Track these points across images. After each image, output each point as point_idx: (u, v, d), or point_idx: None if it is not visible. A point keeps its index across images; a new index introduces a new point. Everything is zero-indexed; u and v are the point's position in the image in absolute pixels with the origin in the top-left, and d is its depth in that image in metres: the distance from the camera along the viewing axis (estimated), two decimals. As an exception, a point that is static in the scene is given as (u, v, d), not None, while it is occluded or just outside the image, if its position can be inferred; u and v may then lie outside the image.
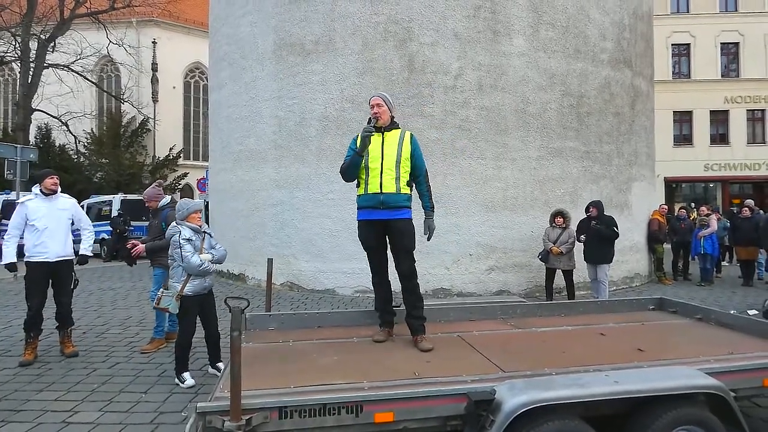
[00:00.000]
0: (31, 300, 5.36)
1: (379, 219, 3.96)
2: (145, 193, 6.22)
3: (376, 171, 3.93)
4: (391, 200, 3.92)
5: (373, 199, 3.93)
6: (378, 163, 3.93)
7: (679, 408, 2.76)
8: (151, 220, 6.14)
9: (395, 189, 3.93)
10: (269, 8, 10.39)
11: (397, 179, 3.94)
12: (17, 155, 12.04)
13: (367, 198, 3.98)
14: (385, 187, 3.90)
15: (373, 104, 4.06)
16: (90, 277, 11.20)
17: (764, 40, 24.05)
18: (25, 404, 4.23)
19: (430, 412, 2.67)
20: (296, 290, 9.85)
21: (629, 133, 11.00)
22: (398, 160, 3.95)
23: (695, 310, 4.72)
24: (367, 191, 3.97)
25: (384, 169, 3.92)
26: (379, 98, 4.09)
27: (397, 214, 3.95)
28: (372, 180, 3.94)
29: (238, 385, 2.41)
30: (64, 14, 22.68)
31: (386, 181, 3.91)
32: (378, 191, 3.91)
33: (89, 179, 25.63)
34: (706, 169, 24.17)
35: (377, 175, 3.92)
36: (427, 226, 4.10)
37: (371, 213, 3.98)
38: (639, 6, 11.57)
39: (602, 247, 8.13)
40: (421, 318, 3.93)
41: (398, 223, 3.95)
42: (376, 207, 3.93)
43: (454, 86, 9.31)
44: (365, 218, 4.04)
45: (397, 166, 3.94)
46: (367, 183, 3.97)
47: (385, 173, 3.91)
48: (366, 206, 4.01)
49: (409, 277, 4.02)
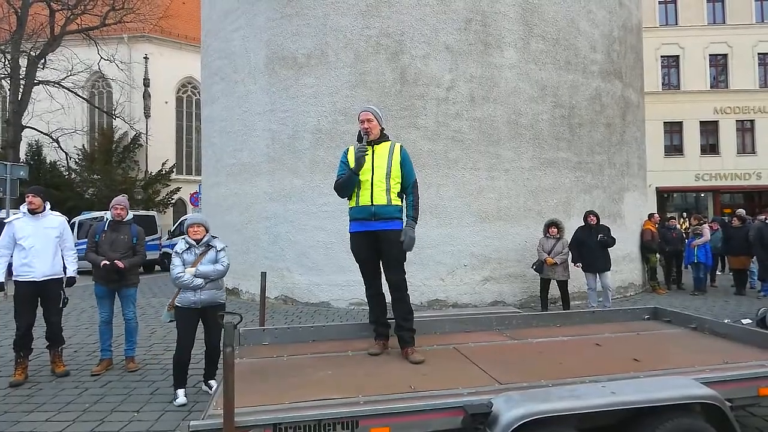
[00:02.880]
0: (19, 319, 5.29)
1: (370, 230, 3.98)
2: (114, 201, 5.82)
3: (366, 183, 3.97)
4: (382, 212, 3.95)
5: (365, 210, 3.97)
6: (368, 176, 3.97)
7: (675, 418, 2.76)
8: (114, 235, 5.67)
9: (386, 201, 3.97)
10: (261, 22, 10.44)
11: (387, 191, 3.98)
12: (7, 173, 11.91)
13: (358, 210, 4.02)
14: (375, 199, 3.94)
15: (363, 119, 4.07)
16: (81, 294, 11.07)
17: (752, 52, 24.41)
18: (15, 426, 4.15)
19: (427, 426, 2.65)
20: (291, 304, 9.79)
21: (620, 144, 11.09)
22: (388, 172, 3.99)
23: (689, 320, 4.72)
24: (359, 203, 4.01)
25: (374, 181, 3.96)
26: (369, 113, 4.09)
27: (389, 225, 3.97)
28: (363, 192, 3.98)
29: (231, 402, 2.38)
30: (54, 31, 22.66)
31: (377, 193, 3.95)
32: (369, 203, 3.95)
33: (81, 196, 25.53)
34: (696, 179, 24.37)
35: (368, 188, 3.96)
36: (404, 233, 3.98)
37: (363, 225, 4.01)
38: (628, 18, 11.72)
39: (603, 255, 8.31)
40: (411, 330, 3.91)
41: (389, 234, 3.96)
42: (368, 219, 3.96)
43: (447, 98, 9.37)
44: (357, 230, 4.08)
45: (387, 179, 3.98)
46: (358, 195, 4.01)
47: (376, 185, 3.95)
48: (358, 218, 4.04)
49: (400, 288, 4.02)
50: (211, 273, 4.63)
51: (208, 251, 4.72)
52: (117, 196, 6.05)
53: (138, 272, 6.04)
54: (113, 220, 5.74)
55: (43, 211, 5.48)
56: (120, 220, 5.75)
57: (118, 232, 5.71)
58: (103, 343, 5.76)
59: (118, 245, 5.66)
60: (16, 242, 5.29)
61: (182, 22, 30.65)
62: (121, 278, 5.66)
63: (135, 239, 5.81)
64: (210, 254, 4.72)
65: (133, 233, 5.82)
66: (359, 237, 4.09)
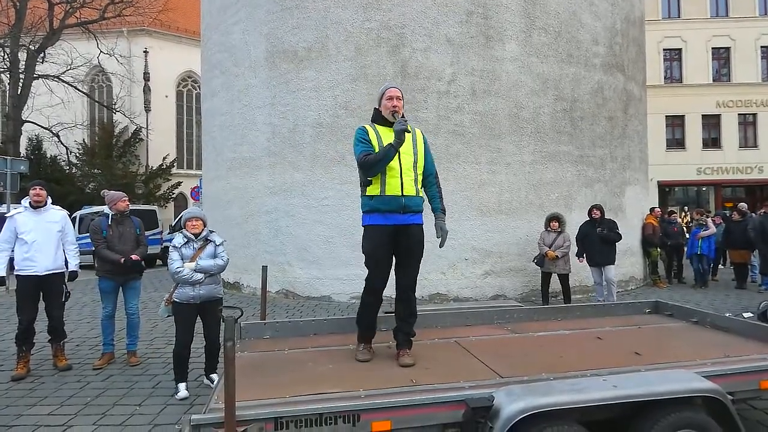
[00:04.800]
0: (21, 314, 5.31)
1: (396, 224, 3.60)
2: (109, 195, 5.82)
3: (395, 171, 3.55)
4: (413, 203, 3.62)
5: (394, 202, 3.56)
6: (396, 162, 3.55)
7: (677, 412, 2.76)
8: (119, 228, 5.69)
9: (415, 192, 3.64)
10: (261, 16, 10.39)
11: (415, 181, 3.65)
12: (7, 167, 11.91)
13: (385, 200, 3.57)
14: (406, 190, 3.58)
15: (392, 96, 3.69)
16: (83, 289, 11.09)
17: (755, 45, 24.31)
18: (17, 419, 4.16)
19: (428, 419, 2.65)
20: (292, 298, 9.80)
21: (622, 137, 11.05)
22: (415, 161, 3.66)
23: (691, 313, 4.72)
24: (385, 192, 3.56)
25: (403, 169, 3.58)
26: (398, 90, 3.74)
27: (416, 219, 3.68)
28: (391, 180, 3.56)
29: (232, 396, 2.38)
30: (53, 24, 22.56)
31: (407, 182, 3.59)
32: (399, 193, 3.56)
33: (81, 190, 25.51)
34: (698, 172, 24.33)
35: (396, 176, 3.56)
36: (439, 227, 3.76)
37: (388, 218, 3.59)
38: (631, 11, 11.66)
39: (607, 249, 8.31)
40: (411, 333, 3.70)
41: (415, 228, 3.67)
42: (397, 211, 3.57)
43: (448, 91, 9.33)
44: (380, 223, 3.61)
45: (414, 167, 3.65)
46: (385, 183, 3.56)
47: (405, 174, 3.58)
48: (383, 209, 3.59)
49: (413, 288, 3.77)
50: (211, 267, 4.62)
51: (207, 245, 4.71)
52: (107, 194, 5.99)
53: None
54: (116, 214, 5.75)
55: (45, 205, 5.49)
56: (124, 213, 5.79)
57: (123, 225, 5.76)
58: (106, 337, 5.77)
59: (127, 238, 5.72)
60: (18, 236, 5.29)
61: (182, 15, 30.52)
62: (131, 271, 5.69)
63: (138, 230, 5.85)
64: (209, 248, 4.70)
65: (135, 225, 5.87)
66: (380, 231, 3.61)
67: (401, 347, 3.61)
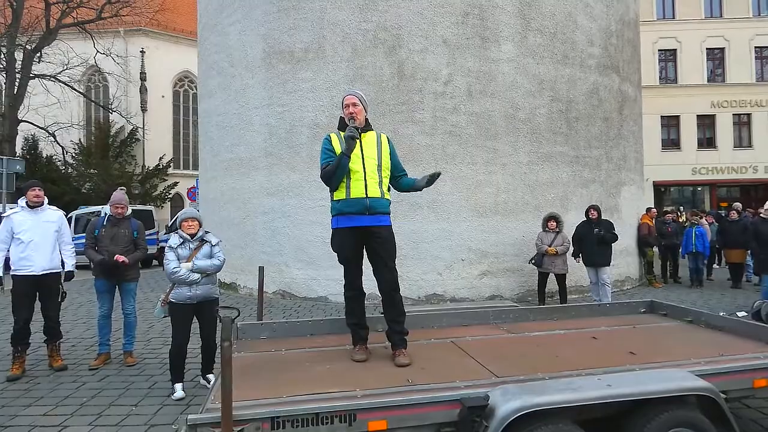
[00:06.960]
0: (17, 314, 5.30)
1: (361, 226, 3.70)
2: (114, 198, 5.77)
3: (358, 174, 3.68)
4: (377, 205, 3.70)
5: (358, 204, 3.67)
6: (359, 166, 3.69)
7: (671, 410, 2.78)
8: (115, 230, 5.68)
9: (380, 194, 3.73)
10: (258, 16, 10.40)
11: (380, 183, 3.75)
12: (3, 167, 11.90)
13: (349, 203, 3.69)
14: (370, 192, 3.68)
15: (348, 103, 3.80)
16: (79, 289, 11.08)
17: (749, 45, 24.38)
18: (12, 420, 4.16)
19: (424, 419, 2.66)
20: (289, 298, 9.80)
21: (618, 138, 11.10)
22: (379, 164, 3.77)
23: (685, 313, 4.74)
24: (350, 196, 3.68)
25: (367, 172, 3.70)
26: (354, 97, 3.83)
27: (382, 221, 3.75)
28: (354, 184, 3.68)
29: (229, 396, 2.39)
30: (50, 24, 22.50)
31: (371, 185, 3.69)
32: (363, 196, 3.66)
33: (77, 190, 25.43)
34: (693, 172, 24.40)
35: (360, 179, 3.68)
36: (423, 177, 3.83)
37: (353, 219, 3.70)
38: (626, 12, 11.70)
39: (603, 250, 8.29)
40: (403, 332, 3.71)
41: (382, 230, 3.74)
42: (361, 213, 3.68)
43: (444, 92, 9.35)
44: (345, 225, 3.74)
45: (378, 170, 3.75)
46: (349, 187, 3.69)
47: (369, 177, 3.70)
48: (347, 212, 3.71)
49: (394, 289, 3.79)
50: (207, 267, 4.63)
51: (203, 246, 4.72)
52: (115, 191, 5.98)
53: (138, 267, 6.04)
54: (112, 215, 5.73)
55: (42, 205, 5.48)
56: (122, 216, 5.76)
57: (118, 226, 5.71)
58: (102, 338, 5.77)
59: (119, 239, 5.66)
60: (14, 236, 5.28)
61: (179, 15, 30.47)
62: (123, 273, 5.66)
63: (135, 233, 5.81)
64: (204, 249, 4.71)
65: (133, 227, 5.82)
66: (346, 233, 3.76)
67: (397, 347, 3.63)
